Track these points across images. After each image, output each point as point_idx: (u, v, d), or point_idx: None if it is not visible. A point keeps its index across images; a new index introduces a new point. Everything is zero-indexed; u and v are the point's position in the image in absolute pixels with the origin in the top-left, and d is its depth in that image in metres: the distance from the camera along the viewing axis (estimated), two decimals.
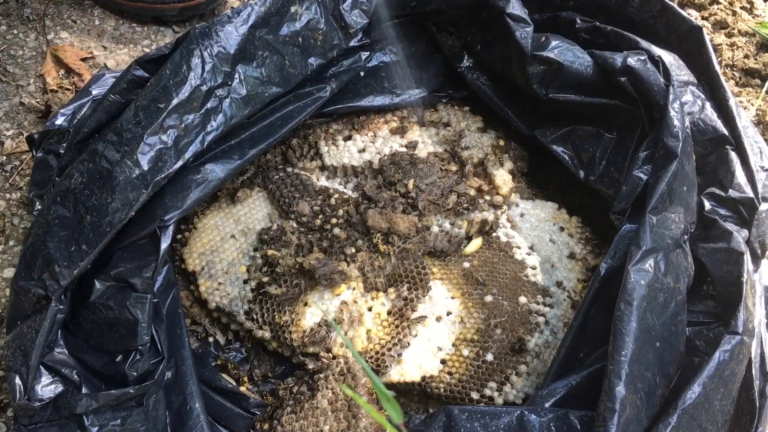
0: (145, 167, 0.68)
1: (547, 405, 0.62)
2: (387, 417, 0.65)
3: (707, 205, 0.72)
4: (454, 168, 0.86)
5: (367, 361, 0.74)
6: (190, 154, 0.70)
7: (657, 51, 0.76)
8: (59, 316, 0.65)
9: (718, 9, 1.19)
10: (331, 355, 0.76)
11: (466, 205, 0.84)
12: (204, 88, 0.71)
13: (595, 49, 0.79)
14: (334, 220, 0.83)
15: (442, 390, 0.73)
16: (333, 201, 0.84)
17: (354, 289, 0.79)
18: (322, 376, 0.73)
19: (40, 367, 0.64)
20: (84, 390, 0.64)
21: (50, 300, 0.64)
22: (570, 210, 0.88)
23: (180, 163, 0.69)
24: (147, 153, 0.68)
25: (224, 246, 0.83)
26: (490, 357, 0.74)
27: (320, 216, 0.84)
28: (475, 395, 0.73)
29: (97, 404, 0.63)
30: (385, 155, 0.87)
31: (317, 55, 0.79)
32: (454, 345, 0.76)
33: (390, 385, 0.75)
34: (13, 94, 1.04)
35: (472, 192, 0.85)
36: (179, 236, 0.84)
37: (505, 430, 0.59)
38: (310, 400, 0.71)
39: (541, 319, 0.77)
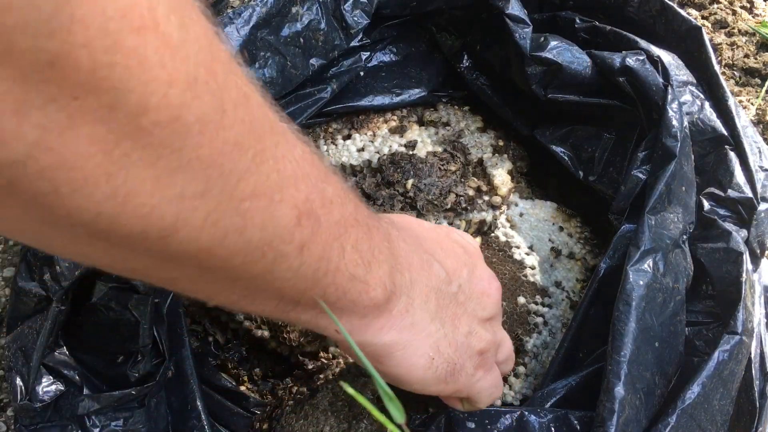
0: None
1: (546, 405, 0.62)
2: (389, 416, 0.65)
3: (706, 205, 0.72)
4: (453, 168, 0.86)
5: None
6: None
7: (656, 51, 0.76)
8: (60, 317, 0.65)
9: (718, 8, 1.19)
10: (330, 355, 0.76)
11: (464, 205, 0.84)
12: None
13: (594, 49, 0.79)
14: None
15: None
16: None
17: None
18: (322, 376, 0.73)
19: (41, 368, 0.64)
20: (85, 391, 0.64)
21: (51, 301, 0.64)
22: (569, 210, 0.88)
23: None
24: None
25: None
26: None
27: None
28: None
29: (99, 405, 0.63)
30: (384, 154, 0.87)
31: (318, 55, 0.79)
32: None
33: (390, 385, 0.75)
34: None
35: (471, 192, 0.85)
36: None
37: (505, 431, 0.59)
38: (310, 400, 0.71)
39: (539, 319, 0.78)
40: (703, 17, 1.20)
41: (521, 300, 0.78)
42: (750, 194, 0.71)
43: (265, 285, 0.41)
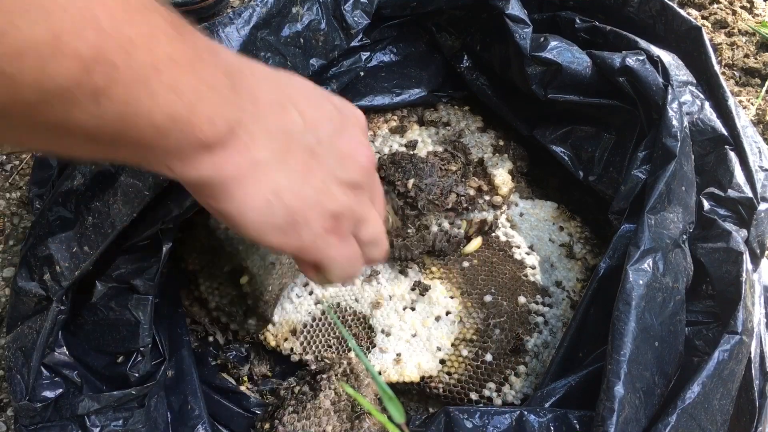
0: None
1: (546, 405, 0.62)
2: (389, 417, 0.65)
3: (706, 205, 0.72)
4: (453, 167, 0.86)
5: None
6: None
7: (656, 51, 0.76)
8: (60, 317, 0.65)
9: (718, 8, 1.19)
10: (333, 355, 0.76)
11: (465, 205, 0.84)
12: None
13: (595, 49, 0.79)
14: None
15: (440, 390, 0.74)
16: None
17: None
18: (324, 376, 0.73)
19: (41, 367, 0.64)
20: (85, 391, 0.64)
21: (51, 301, 0.64)
22: (569, 209, 0.88)
23: None
24: None
25: (224, 245, 0.83)
26: (489, 357, 0.75)
27: None
28: (473, 396, 0.73)
29: (99, 405, 0.63)
30: (384, 154, 0.87)
31: (318, 55, 0.79)
32: (453, 345, 0.76)
33: (389, 385, 0.75)
34: None
35: (472, 192, 0.85)
36: (179, 235, 0.84)
37: (505, 431, 0.59)
38: (313, 400, 0.71)
39: (540, 319, 0.78)
40: (703, 17, 1.20)
41: (522, 300, 0.78)
42: (750, 194, 0.71)
43: (68, 130, 0.40)
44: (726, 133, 0.74)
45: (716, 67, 0.78)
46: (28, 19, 0.35)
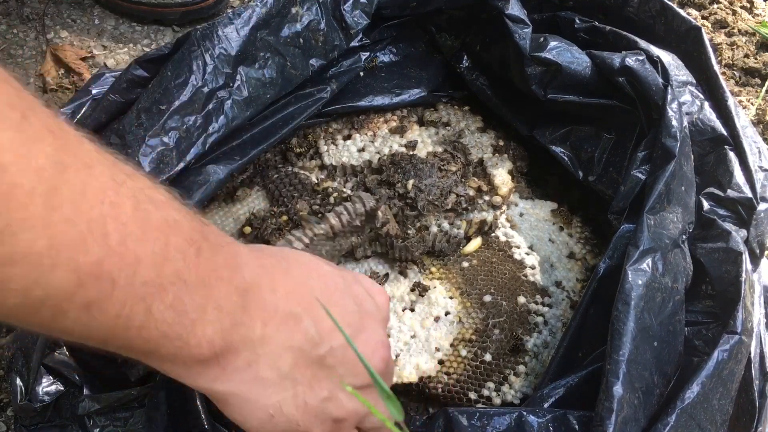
0: (147, 169, 0.68)
1: (545, 406, 0.62)
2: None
3: (706, 205, 0.72)
4: (453, 168, 0.86)
5: None
6: (191, 155, 0.70)
7: (655, 51, 0.76)
8: None
9: (717, 8, 1.19)
10: None
11: (465, 205, 0.84)
12: (205, 89, 0.71)
13: (594, 49, 0.79)
14: None
15: (439, 390, 0.74)
16: (332, 200, 0.85)
17: None
18: None
19: (41, 368, 0.64)
20: (85, 391, 0.64)
21: None
22: (569, 210, 0.88)
23: (182, 164, 0.70)
24: (149, 155, 0.68)
25: None
26: (488, 357, 0.75)
27: (319, 215, 0.84)
28: (473, 395, 0.73)
29: (99, 405, 0.63)
30: (384, 155, 0.87)
31: (318, 56, 0.79)
32: (452, 345, 0.76)
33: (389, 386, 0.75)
34: None
35: (472, 192, 0.85)
36: None
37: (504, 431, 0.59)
38: None
39: (539, 319, 0.78)
40: (703, 17, 1.20)
41: (521, 300, 0.78)
42: (749, 194, 0.71)
43: (59, 331, 0.39)
44: (726, 134, 0.74)
45: (716, 67, 0.78)
46: (27, 230, 0.34)
